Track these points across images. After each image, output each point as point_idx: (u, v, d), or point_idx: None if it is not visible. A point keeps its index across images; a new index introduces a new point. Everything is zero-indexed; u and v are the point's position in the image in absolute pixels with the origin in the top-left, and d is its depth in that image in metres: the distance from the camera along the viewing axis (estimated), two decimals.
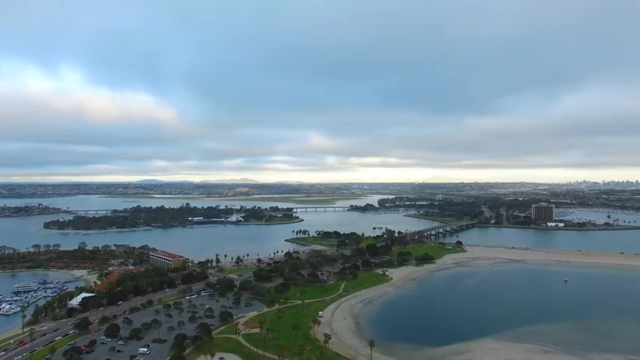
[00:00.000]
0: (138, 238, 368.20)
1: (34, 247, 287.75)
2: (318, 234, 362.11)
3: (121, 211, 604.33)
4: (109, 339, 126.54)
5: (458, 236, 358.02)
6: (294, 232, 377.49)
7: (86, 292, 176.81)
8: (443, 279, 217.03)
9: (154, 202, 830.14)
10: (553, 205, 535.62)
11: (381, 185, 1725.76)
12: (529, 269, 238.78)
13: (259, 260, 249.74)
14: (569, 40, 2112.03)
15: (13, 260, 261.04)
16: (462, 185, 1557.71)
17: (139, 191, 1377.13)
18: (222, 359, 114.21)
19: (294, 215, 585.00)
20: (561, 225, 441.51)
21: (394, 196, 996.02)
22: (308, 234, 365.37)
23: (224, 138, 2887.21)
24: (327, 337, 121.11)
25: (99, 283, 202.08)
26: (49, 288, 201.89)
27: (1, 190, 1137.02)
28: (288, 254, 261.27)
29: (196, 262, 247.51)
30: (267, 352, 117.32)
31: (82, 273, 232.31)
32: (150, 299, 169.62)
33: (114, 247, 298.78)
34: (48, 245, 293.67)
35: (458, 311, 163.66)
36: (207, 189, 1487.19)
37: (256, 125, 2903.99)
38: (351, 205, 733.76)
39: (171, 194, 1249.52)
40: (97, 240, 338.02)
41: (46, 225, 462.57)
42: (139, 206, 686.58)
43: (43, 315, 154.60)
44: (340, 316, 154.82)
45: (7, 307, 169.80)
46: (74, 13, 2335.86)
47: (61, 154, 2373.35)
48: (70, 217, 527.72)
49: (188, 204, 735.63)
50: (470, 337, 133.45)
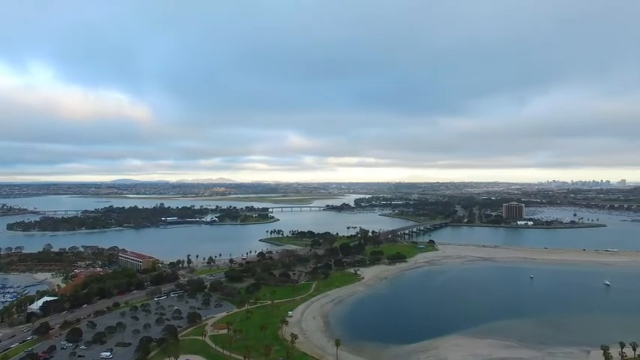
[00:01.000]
0: (108, 239, 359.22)
1: None
2: (292, 234, 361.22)
3: (92, 212, 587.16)
4: (70, 344, 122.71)
5: (430, 235, 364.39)
6: (268, 232, 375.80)
7: (48, 295, 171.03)
8: (414, 277, 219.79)
9: (127, 202, 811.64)
10: (523, 205, 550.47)
11: (359, 185, 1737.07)
12: (497, 267, 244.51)
13: (231, 260, 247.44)
14: (538, 45, 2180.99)
15: None
16: (438, 185, 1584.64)
17: (112, 191, 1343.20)
18: None
19: (269, 215, 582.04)
20: (530, 223, 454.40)
21: (370, 196, 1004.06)
22: (282, 234, 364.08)
23: (201, 137, 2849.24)
24: (294, 336, 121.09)
25: (63, 286, 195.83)
26: (7, 293, 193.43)
27: None
28: (261, 254, 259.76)
29: (167, 262, 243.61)
30: (233, 353, 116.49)
31: (46, 276, 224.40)
32: (116, 302, 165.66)
33: (82, 249, 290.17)
34: (10, 248, 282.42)
35: (426, 309, 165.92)
36: (183, 189, 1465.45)
37: (233, 124, 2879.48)
38: (327, 205, 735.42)
39: (146, 194, 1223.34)
40: (64, 241, 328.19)
41: (10, 226, 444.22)
42: (111, 206, 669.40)
43: None
44: (310, 316, 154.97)
45: None
46: (43, 6, 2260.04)
47: (30, 152, 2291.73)
48: (37, 218, 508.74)
49: (162, 204, 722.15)
50: (436, 334, 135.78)
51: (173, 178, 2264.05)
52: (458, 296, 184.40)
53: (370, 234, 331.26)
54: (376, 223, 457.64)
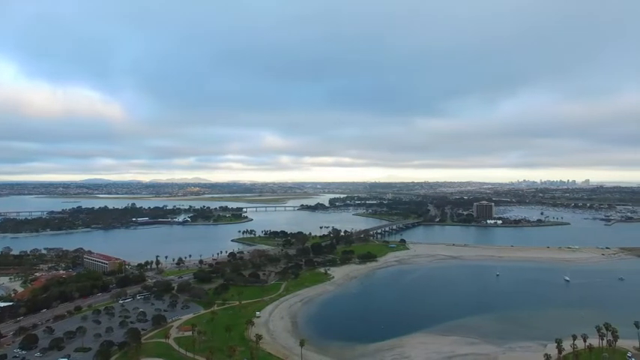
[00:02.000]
0: (75, 240, 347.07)
1: None
2: (265, 234, 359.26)
3: (59, 212, 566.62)
4: (24, 351, 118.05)
5: (402, 234, 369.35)
6: (240, 232, 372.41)
7: (3, 301, 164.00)
8: (384, 276, 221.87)
9: (97, 202, 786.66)
10: (493, 204, 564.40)
11: (335, 185, 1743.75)
12: (465, 265, 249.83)
13: (201, 261, 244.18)
14: (506, 49, 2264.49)
15: None
16: (413, 185, 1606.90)
17: (82, 191, 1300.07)
18: None
19: (243, 215, 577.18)
20: (499, 222, 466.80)
21: (345, 196, 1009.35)
22: (255, 234, 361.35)
23: (175, 136, 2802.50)
24: (259, 337, 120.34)
25: (21, 290, 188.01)
26: None
27: None
28: (231, 254, 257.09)
29: (135, 264, 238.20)
30: (197, 355, 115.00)
31: (3, 280, 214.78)
32: (78, 305, 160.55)
33: (44, 251, 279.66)
34: None
35: (394, 308, 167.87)
36: (156, 188, 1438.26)
37: (208, 124, 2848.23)
38: (302, 205, 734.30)
39: (118, 194, 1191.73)
40: (26, 244, 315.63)
41: None
42: (79, 207, 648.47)
43: None
44: (278, 316, 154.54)
45: None
46: None
47: None
48: None
49: (134, 204, 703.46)
50: (403, 332, 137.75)
51: (147, 177, 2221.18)
52: (426, 294, 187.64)
53: (342, 233, 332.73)
54: (350, 222, 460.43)
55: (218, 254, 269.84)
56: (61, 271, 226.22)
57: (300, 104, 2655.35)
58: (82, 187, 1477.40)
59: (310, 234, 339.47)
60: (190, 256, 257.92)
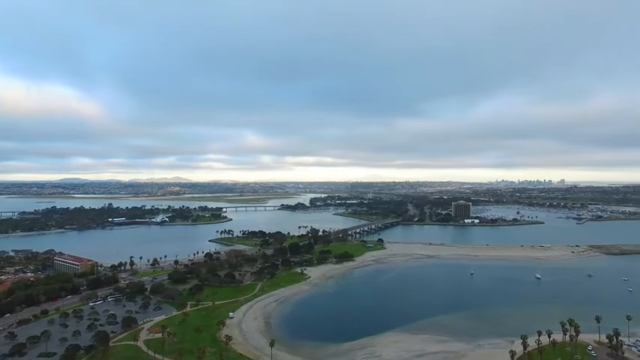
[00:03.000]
0: (46, 242, 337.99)
1: None
2: (243, 234, 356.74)
3: (31, 213, 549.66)
4: None
5: (380, 234, 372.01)
6: (218, 232, 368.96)
7: None
8: (360, 276, 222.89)
9: (73, 202, 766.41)
10: (470, 204, 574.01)
11: (316, 184, 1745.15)
12: (441, 264, 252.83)
13: (176, 262, 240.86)
14: (483, 51, 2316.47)
15: None
16: (394, 184, 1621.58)
17: (57, 191, 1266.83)
18: None
19: (222, 215, 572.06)
20: (476, 221, 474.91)
21: (326, 195, 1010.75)
22: (232, 234, 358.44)
23: (155, 135, 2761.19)
24: (228, 338, 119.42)
25: None
26: None
27: None
28: (208, 255, 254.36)
29: (109, 265, 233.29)
30: (166, 358, 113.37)
31: None
32: (45, 309, 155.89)
33: (12, 253, 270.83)
34: None
35: (368, 307, 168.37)
36: (135, 188, 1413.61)
37: (189, 123, 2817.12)
38: (282, 205, 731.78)
39: (95, 194, 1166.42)
40: None
41: None
42: (53, 207, 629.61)
43: None
44: (251, 317, 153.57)
45: None
46: None
47: None
48: None
49: (111, 204, 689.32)
50: (375, 331, 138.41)
51: (126, 177, 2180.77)
52: (400, 294, 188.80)
53: (321, 233, 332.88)
54: (329, 222, 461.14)
55: (194, 255, 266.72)
56: (29, 274, 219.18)
57: (282, 104, 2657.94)
58: (57, 186, 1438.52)
59: (289, 234, 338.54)
60: (166, 257, 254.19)
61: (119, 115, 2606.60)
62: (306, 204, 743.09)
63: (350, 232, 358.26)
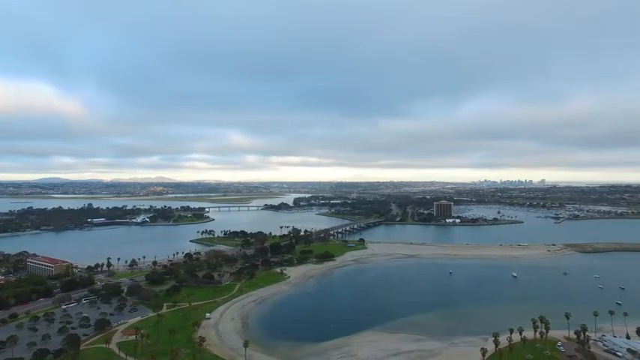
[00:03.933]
0: (20, 243, 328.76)
1: None
2: (224, 234, 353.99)
3: (5, 214, 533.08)
4: None
5: (362, 234, 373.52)
6: (199, 232, 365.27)
7: None
8: (339, 276, 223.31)
9: (52, 202, 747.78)
10: (452, 203, 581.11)
11: (301, 184, 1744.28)
12: (421, 263, 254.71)
13: (155, 263, 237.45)
14: (465, 54, 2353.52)
15: None
16: (378, 184, 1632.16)
17: (35, 191, 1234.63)
18: None
19: (205, 215, 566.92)
20: (458, 221, 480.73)
21: (310, 195, 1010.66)
22: (214, 234, 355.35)
23: (138, 134, 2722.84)
24: (202, 339, 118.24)
25: None
26: None
27: None
28: (187, 255, 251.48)
29: (85, 267, 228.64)
30: None
31: None
32: (14, 313, 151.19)
33: None
34: None
35: (347, 307, 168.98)
36: (117, 188, 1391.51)
37: (173, 122, 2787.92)
38: (266, 205, 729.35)
39: (75, 194, 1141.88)
40: None
41: None
42: (30, 207, 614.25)
43: None
44: (229, 317, 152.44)
45: None
46: None
47: None
48: None
49: (91, 204, 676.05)
50: (352, 331, 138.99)
51: (108, 176, 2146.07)
52: (379, 293, 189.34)
53: (302, 233, 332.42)
54: (312, 222, 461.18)
55: (174, 255, 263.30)
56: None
57: (267, 104, 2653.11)
58: (35, 186, 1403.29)
59: (270, 234, 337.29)
60: (144, 258, 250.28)
61: (102, 114, 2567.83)
62: (290, 204, 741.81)
63: (332, 232, 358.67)
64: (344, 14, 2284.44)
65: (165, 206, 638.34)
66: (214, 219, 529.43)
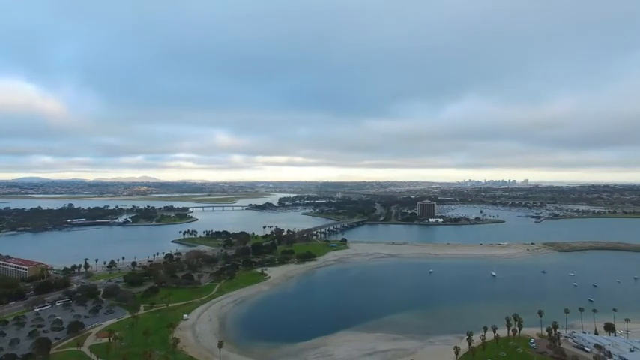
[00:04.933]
0: None
1: None
2: (207, 234, 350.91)
3: None
4: None
5: (345, 233, 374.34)
6: (181, 232, 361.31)
7: None
8: (320, 275, 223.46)
9: (30, 203, 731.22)
10: (435, 203, 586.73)
11: (287, 184, 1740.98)
12: (402, 263, 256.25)
13: (134, 263, 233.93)
14: (450, 55, 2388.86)
15: None
16: (364, 184, 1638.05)
17: (13, 191, 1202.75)
18: None
19: (188, 215, 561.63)
20: (440, 220, 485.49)
21: (295, 195, 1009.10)
22: (196, 234, 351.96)
23: (122, 133, 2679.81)
24: (176, 340, 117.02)
25: None
26: None
27: None
28: (168, 256, 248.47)
29: (62, 268, 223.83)
30: None
31: None
32: None
33: None
34: None
35: (326, 307, 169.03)
36: (100, 188, 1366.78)
37: (157, 121, 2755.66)
38: (250, 205, 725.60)
39: (56, 194, 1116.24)
40: None
41: None
42: (7, 208, 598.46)
43: None
44: (206, 318, 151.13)
45: None
46: None
47: None
48: None
49: (71, 204, 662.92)
50: (329, 330, 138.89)
51: (91, 176, 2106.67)
52: (360, 292, 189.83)
53: (285, 233, 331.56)
54: (296, 222, 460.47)
55: (154, 256, 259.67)
56: None
57: (252, 103, 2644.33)
58: (13, 186, 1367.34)
59: (253, 234, 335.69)
60: (124, 259, 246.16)
61: (84, 113, 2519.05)
62: (275, 204, 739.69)
63: (315, 232, 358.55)
64: (329, 14, 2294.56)
65: (149, 206, 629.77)
66: (198, 219, 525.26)
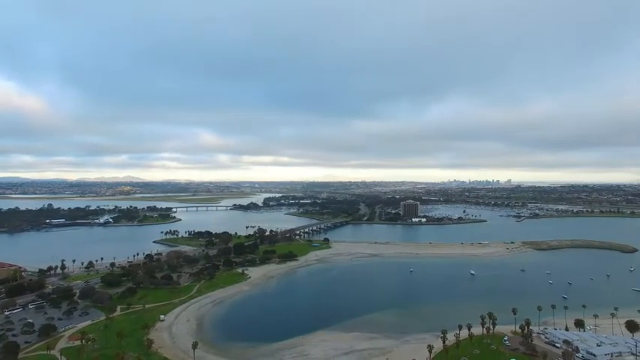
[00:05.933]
0: None
1: None
2: (189, 234, 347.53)
3: None
4: None
5: (327, 233, 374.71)
6: (162, 232, 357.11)
7: None
8: (301, 275, 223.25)
9: (8, 202, 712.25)
10: (418, 203, 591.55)
11: (273, 184, 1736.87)
12: (383, 262, 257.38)
13: (113, 264, 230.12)
14: (433, 56, 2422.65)
15: None
16: (349, 184, 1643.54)
17: None
18: None
19: (171, 215, 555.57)
20: (424, 220, 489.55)
21: (280, 195, 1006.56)
22: (178, 234, 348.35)
23: (105, 133, 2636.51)
24: (150, 342, 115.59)
25: None
26: None
27: None
28: (148, 256, 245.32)
29: (37, 270, 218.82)
30: None
31: None
32: None
33: None
34: None
35: (305, 307, 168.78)
36: (82, 188, 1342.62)
37: (141, 121, 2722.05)
38: (235, 204, 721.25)
39: (35, 194, 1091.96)
40: None
41: None
42: None
43: None
44: (184, 319, 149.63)
45: None
46: None
47: None
48: None
49: (51, 204, 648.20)
50: (307, 330, 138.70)
51: (73, 176, 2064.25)
52: (340, 292, 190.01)
53: (268, 233, 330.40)
54: (280, 222, 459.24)
55: (134, 256, 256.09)
56: None
57: (238, 103, 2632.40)
58: None
59: (236, 234, 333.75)
60: (102, 259, 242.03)
61: (66, 111, 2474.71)
62: (259, 204, 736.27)
63: (298, 232, 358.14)
64: (315, 15, 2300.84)
65: (131, 206, 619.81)
66: (181, 219, 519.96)
